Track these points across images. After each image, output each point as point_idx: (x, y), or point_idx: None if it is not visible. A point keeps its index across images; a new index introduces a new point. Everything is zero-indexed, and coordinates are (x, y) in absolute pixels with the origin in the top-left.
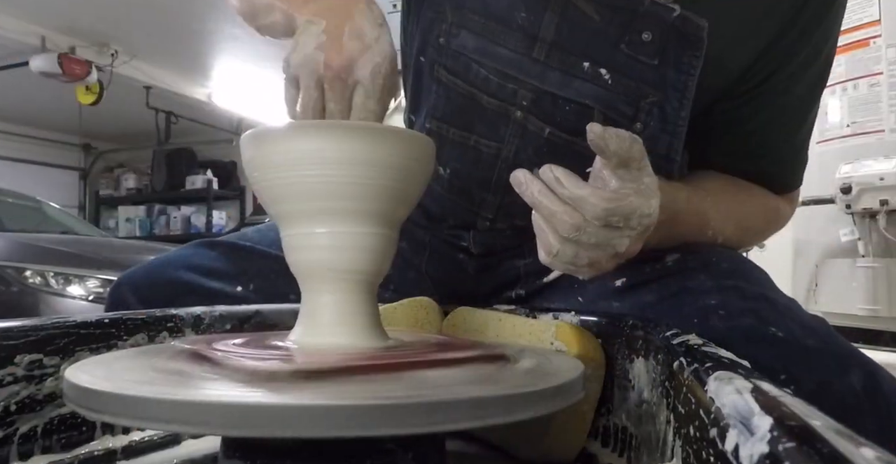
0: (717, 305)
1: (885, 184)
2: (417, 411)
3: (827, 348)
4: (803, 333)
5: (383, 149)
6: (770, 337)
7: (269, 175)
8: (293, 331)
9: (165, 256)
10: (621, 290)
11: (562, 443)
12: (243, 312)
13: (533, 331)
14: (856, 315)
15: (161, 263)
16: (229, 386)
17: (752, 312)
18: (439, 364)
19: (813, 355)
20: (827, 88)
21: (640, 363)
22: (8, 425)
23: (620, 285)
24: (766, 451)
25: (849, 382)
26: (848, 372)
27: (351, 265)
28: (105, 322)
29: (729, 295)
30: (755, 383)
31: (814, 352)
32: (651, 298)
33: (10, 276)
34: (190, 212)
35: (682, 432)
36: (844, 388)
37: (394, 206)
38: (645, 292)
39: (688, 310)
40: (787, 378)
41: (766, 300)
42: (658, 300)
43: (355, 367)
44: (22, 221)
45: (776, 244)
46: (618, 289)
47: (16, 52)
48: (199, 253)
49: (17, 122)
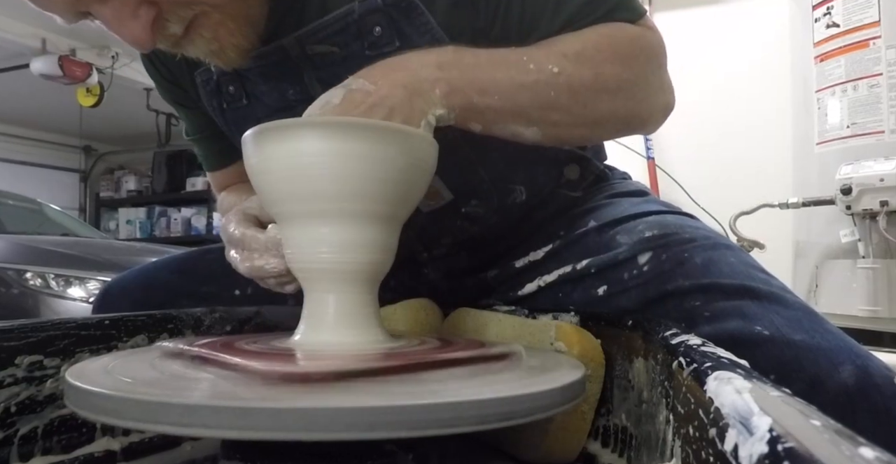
0: (700, 306)
1: (885, 185)
2: (420, 414)
3: (814, 342)
4: (790, 328)
5: (385, 148)
6: (756, 337)
7: (270, 175)
8: (296, 331)
9: (159, 260)
10: (604, 298)
11: (562, 443)
12: (243, 313)
13: (533, 331)
14: (856, 316)
15: (154, 268)
16: (236, 388)
17: (736, 311)
18: (439, 365)
19: (801, 354)
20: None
21: (640, 363)
22: (8, 426)
23: (603, 294)
24: (766, 451)
25: (840, 379)
26: (838, 368)
27: (353, 265)
28: (105, 324)
29: (711, 294)
30: (754, 382)
31: (801, 349)
32: (635, 305)
33: (10, 277)
34: (190, 214)
35: (681, 431)
36: (836, 386)
37: (395, 205)
38: (626, 300)
39: (674, 314)
40: (777, 378)
41: (749, 294)
42: (643, 306)
43: (362, 370)
44: (22, 223)
45: (776, 245)
46: (601, 297)
47: (16, 55)
48: (193, 258)
49: (18, 124)
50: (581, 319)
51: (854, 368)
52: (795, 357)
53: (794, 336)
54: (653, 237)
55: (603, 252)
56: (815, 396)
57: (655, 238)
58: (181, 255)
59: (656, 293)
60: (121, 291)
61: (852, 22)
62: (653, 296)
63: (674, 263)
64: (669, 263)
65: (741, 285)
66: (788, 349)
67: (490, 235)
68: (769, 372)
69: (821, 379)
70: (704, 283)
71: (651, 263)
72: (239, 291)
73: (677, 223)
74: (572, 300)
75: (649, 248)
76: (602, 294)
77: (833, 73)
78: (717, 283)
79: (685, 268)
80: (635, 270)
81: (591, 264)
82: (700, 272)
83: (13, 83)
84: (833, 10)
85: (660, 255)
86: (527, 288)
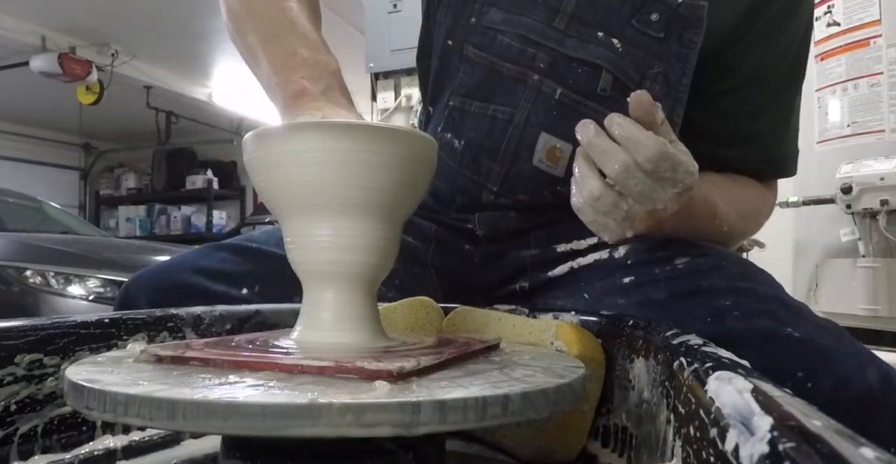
0: (731, 305)
1: (885, 184)
2: (418, 411)
3: (842, 347)
4: (819, 334)
5: (385, 148)
6: (786, 337)
7: (271, 174)
8: (293, 330)
9: (175, 258)
10: (628, 287)
11: (562, 443)
12: (243, 311)
13: (533, 331)
14: (856, 315)
15: (169, 266)
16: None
17: (768, 313)
18: (438, 364)
19: (830, 355)
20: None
21: (641, 363)
22: (8, 424)
23: (629, 282)
24: (767, 451)
25: (865, 380)
26: (864, 371)
27: (353, 265)
28: (105, 322)
29: (743, 296)
30: (755, 382)
31: (830, 352)
32: (661, 296)
33: (10, 276)
34: (190, 212)
35: (682, 432)
36: (861, 385)
37: (396, 204)
38: (653, 290)
39: (701, 310)
40: (804, 376)
41: (780, 302)
42: (668, 299)
43: (353, 368)
44: (22, 221)
45: (776, 244)
46: (625, 286)
47: (16, 52)
48: (206, 255)
49: (18, 122)
50: (581, 318)
51: (878, 372)
52: (824, 358)
53: (822, 341)
54: (693, 245)
55: (644, 250)
56: (841, 395)
57: (696, 247)
58: (196, 252)
59: (688, 287)
60: (138, 291)
61: (853, 21)
62: (684, 290)
63: (711, 266)
64: (706, 265)
65: (774, 295)
66: (817, 351)
67: (556, 204)
68: (797, 370)
69: (848, 378)
70: (741, 286)
71: (688, 264)
72: (246, 290)
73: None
74: (592, 287)
75: (688, 254)
76: (627, 283)
77: (833, 71)
78: (752, 288)
79: (721, 272)
80: (668, 267)
81: (628, 256)
82: (736, 278)
83: (13, 81)
84: (833, 8)
85: (697, 259)
86: (559, 269)
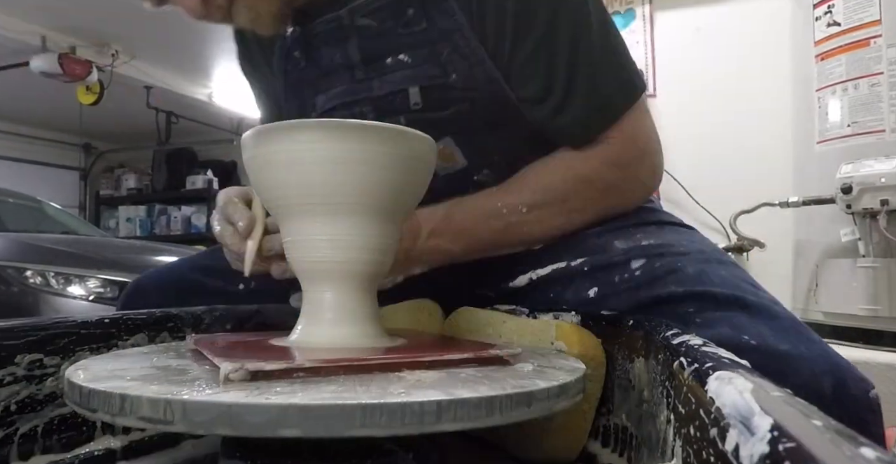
0: (693, 312)
1: (885, 184)
2: (418, 412)
3: (798, 352)
4: (776, 338)
5: (384, 147)
6: (744, 346)
7: (270, 174)
8: (294, 329)
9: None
10: (596, 300)
11: (562, 443)
12: (243, 311)
13: (533, 331)
14: (856, 315)
15: (175, 264)
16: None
17: (726, 320)
18: (439, 364)
19: (787, 361)
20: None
21: (641, 363)
22: (8, 424)
23: (594, 296)
24: (767, 451)
25: (819, 386)
26: (819, 377)
27: (352, 264)
28: (105, 322)
29: (704, 303)
30: (755, 382)
31: (788, 358)
32: (626, 307)
33: (10, 276)
34: (190, 212)
35: (682, 431)
36: (815, 395)
37: (395, 204)
38: (618, 302)
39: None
40: None
41: (739, 304)
42: (635, 309)
43: (355, 366)
44: (22, 221)
45: (776, 244)
46: (592, 299)
47: (16, 52)
48: (207, 255)
49: (18, 122)
50: (582, 318)
51: (833, 377)
52: (780, 367)
53: (779, 347)
54: (649, 246)
55: (598, 253)
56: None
57: (651, 247)
58: (200, 253)
59: (648, 298)
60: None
61: (853, 20)
62: (644, 300)
63: (666, 270)
64: (662, 270)
65: (732, 295)
66: (773, 359)
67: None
68: None
69: (802, 387)
70: (698, 290)
71: (644, 268)
72: (243, 286)
73: (674, 236)
74: (565, 301)
75: (644, 255)
76: (593, 296)
77: (833, 71)
78: (710, 291)
79: (677, 276)
80: (626, 274)
81: (585, 263)
82: (692, 281)
83: (13, 81)
84: (834, 8)
85: (653, 262)
86: (519, 280)
